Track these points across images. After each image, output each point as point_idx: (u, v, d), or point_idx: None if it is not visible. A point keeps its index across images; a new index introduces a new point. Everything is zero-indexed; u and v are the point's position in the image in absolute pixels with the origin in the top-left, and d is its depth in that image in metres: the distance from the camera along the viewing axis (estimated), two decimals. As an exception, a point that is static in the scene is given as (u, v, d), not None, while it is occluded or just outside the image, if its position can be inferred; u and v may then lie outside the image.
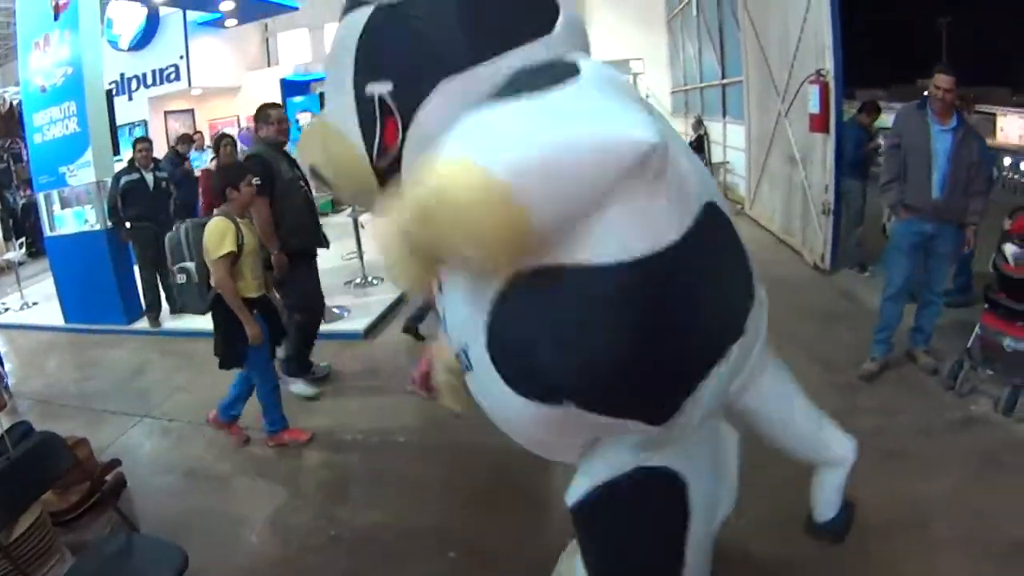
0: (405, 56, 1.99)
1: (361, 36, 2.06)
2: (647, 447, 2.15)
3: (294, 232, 5.36)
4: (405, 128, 1.96)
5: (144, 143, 7.66)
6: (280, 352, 5.26)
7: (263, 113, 5.62)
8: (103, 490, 3.70)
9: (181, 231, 4.79)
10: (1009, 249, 4.76)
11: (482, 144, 1.66)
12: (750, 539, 3.50)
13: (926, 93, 5.14)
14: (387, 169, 2.02)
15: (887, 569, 3.30)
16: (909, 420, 4.65)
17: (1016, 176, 13.51)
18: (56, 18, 7.75)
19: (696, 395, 1.98)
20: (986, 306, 4.94)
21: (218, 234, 4.43)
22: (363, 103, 2.02)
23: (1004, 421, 4.57)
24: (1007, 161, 13.85)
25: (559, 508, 3.70)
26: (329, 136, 2.11)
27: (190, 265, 4.56)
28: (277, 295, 5.16)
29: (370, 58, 2.05)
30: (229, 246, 4.43)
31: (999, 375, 4.80)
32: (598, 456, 2.21)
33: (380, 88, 1.97)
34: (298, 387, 5.64)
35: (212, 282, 4.46)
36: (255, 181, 4.86)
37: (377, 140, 1.99)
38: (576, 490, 2.30)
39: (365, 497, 4.29)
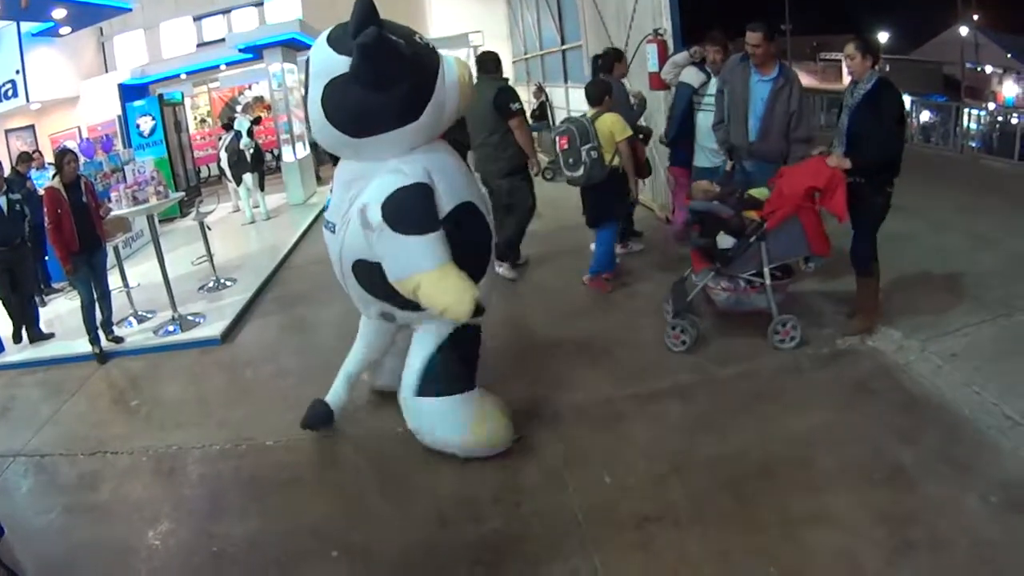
0: None
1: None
2: None
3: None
4: None
5: (-10, 165, 7.08)
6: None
7: (490, 58, 7.26)
8: (-21, 542, 3.52)
9: (585, 123, 6.19)
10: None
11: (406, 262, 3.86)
12: (623, 498, 3.72)
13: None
14: None
15: (775, 512, 3.43)
16: (775, 362, 4.88)
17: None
18: None
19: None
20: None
21: (621, 124, 6.22)
22: None
23: (871, 350, 4.85)
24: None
25: (427, 496, 3.92)
26: None
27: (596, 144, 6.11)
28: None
29: None
30: (629, 131, 6.23)
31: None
32: None
33: None
34: (503, 269, 7.09)
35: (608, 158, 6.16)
36: (515, 106, 6.80)
37: None
38: None
39: (240, 507, 4.24)
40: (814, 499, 3.49)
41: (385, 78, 3.77)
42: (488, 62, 7.21)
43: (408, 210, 3.81)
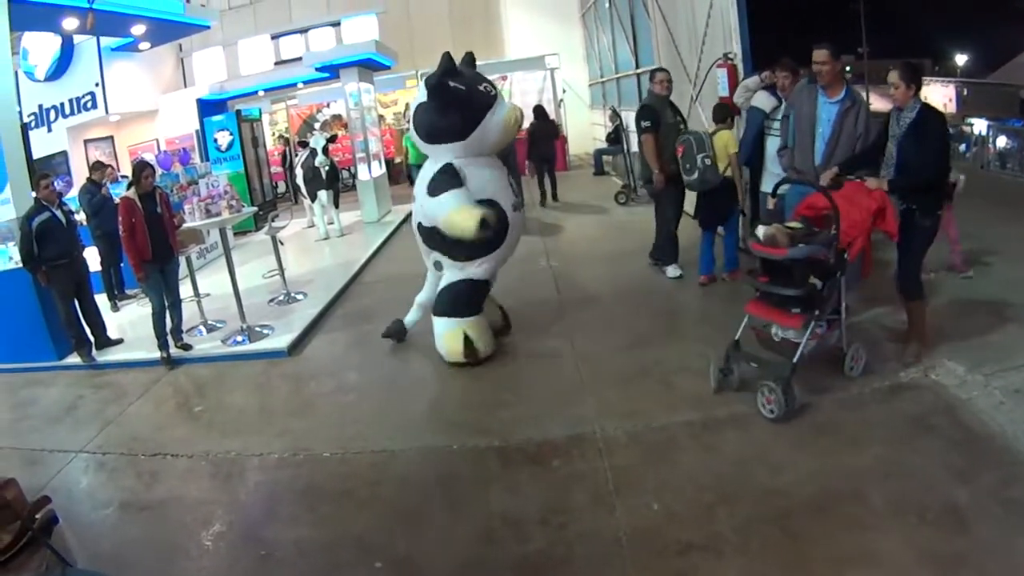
0: None
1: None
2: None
3: (670, 160, 7.34)
4: None
5: (47, 178, 7.22)
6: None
7: (653, 74, 7.80)
8: (34, 528, 3.70)
9: (702, 135, 7.01)
10: (760, 230, 4.74)
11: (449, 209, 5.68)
12: (668, 525, 3.67)
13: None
14: None
15: (822, 548, 3.35)
16: (837, 395, 4.74)
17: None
18: (-34, 51, 7.27)
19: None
20: (757, 293, 4.79)
21: (735, 139, 7.12)
22: None
23: (933, 384, 4.67)
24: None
25: (475, 514, 3.94)
26: None
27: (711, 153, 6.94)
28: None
29: None
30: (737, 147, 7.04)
31: (761, 371, 4.76)
32: None
33: None
34: (671, 270, 7.79)
35: (721, 168, 6.99)
36: (643, 123, 7.46)
37: None
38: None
39: (292, 514, 4.31)
40: (863, 537, 3.39)
41: (444, 109, 5.75)
42: (651, 80, 7.84)
43: (437, 182, 5.76)
